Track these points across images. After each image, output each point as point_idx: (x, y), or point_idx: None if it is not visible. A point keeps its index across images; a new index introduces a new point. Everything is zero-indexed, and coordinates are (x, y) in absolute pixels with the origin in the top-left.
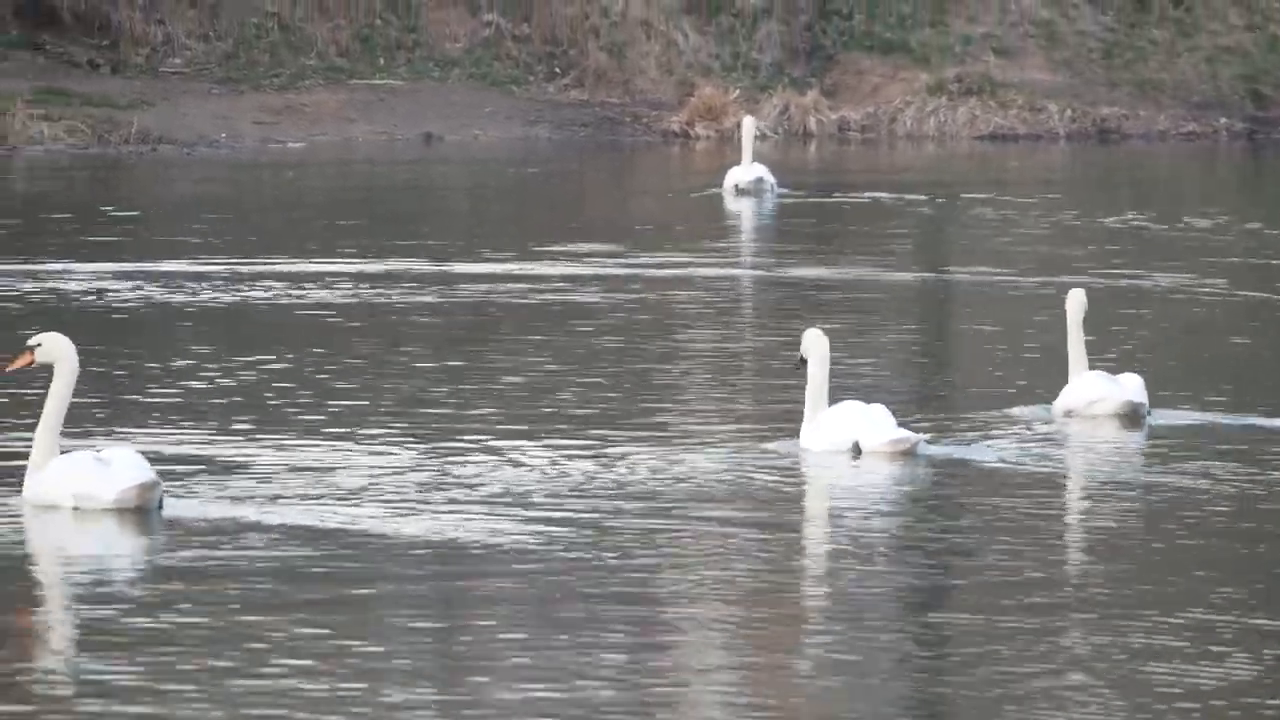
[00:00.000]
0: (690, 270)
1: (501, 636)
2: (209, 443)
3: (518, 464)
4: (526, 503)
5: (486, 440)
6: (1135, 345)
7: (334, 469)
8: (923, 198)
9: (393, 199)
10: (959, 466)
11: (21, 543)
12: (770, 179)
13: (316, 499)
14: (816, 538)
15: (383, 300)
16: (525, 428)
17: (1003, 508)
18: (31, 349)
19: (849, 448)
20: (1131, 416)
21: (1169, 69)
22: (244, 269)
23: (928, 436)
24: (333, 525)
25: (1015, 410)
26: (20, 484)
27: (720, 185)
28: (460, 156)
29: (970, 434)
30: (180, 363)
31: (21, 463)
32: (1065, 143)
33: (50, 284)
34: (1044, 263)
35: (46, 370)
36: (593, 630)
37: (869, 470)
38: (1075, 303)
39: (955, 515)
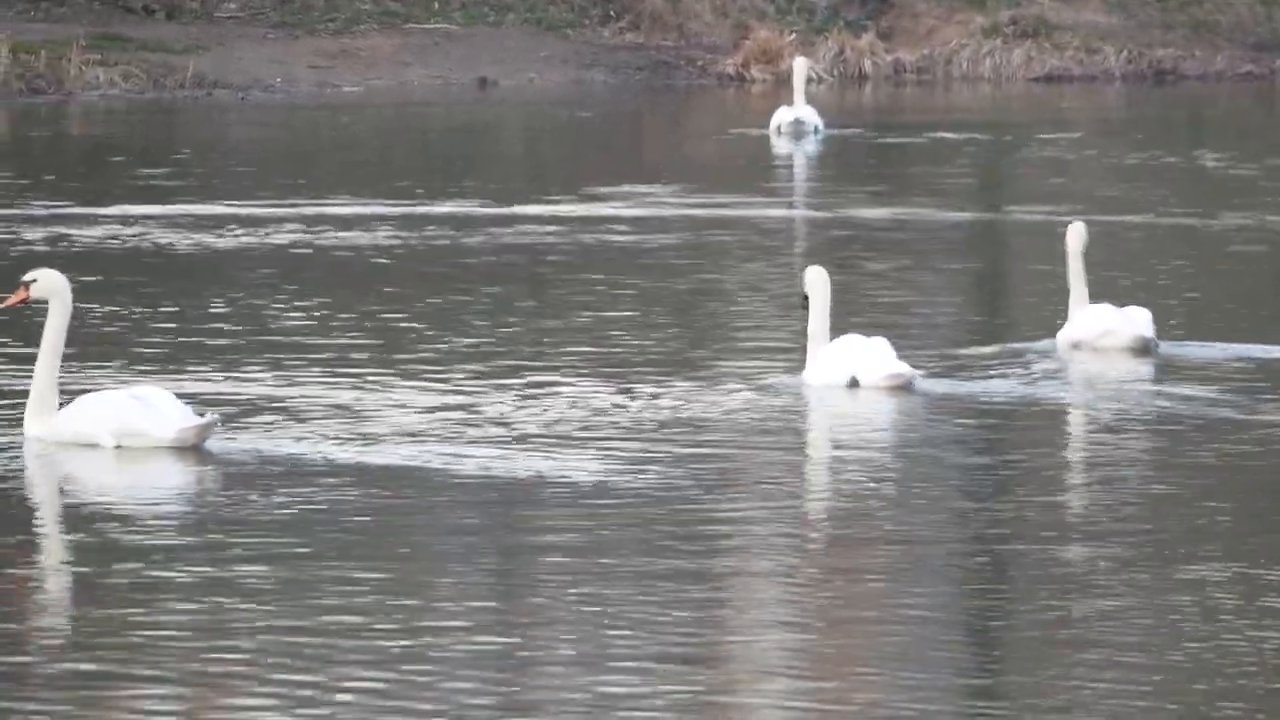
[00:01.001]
0: (737, 211)
1: (559, 576)
2: (264, 383)
3: (561, 401)
4: (571, 439)
5: (535, 378)
6: (1172, 281)
7: (390, 409)
8: (978, 138)
9: (448, 142)
10: (958, 401)
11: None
12: (814, 120)
13: (376, 439)
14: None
15: (439, 243)
16: (567, 366)
17: (1007, 442)
18: (27, 285)
19: (846, 382)
20: (1141, 349)
21: (1224, 10)
22: (300, 211)
23: (923, 371)
24: (395, 463)
25: (1021, 345)
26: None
27: (766, 126)
28: (515, 101)
29: (973, 369)
30: (234, 305)
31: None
32: (1121, 84)
33: (106, 227)
34: (1096, 202)
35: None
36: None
37: (867, 404)
38: (1075, 236)
39: (962, 451)
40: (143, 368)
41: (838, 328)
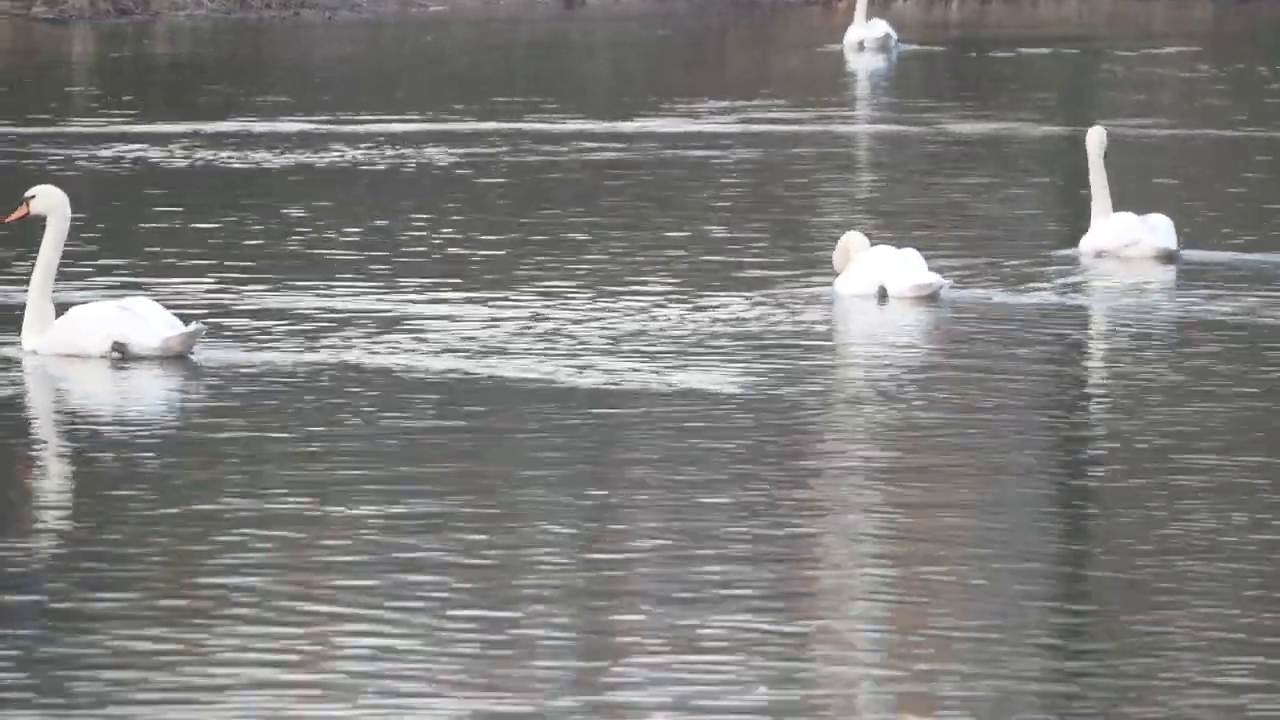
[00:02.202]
0: (815, 126)
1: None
2: (367, 298)
3: (640, 315)
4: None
5: (596, 289)
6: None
7: (473, 321)
8: (1065, 53)
9: (532, 60)
10: (985, 309)
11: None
12: (893, 34)
13: (473, 353)
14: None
15: (519, 158)
16: (644, 281)
17: (1026, 354)
18: (27, 201)
19: (875, 292)
20: (1165, 257)
21: None
22: (387, 129)
23: (951, 280)
24: (480, 374)
25: (1048, 253)
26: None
27: (841, 42)
28: (600, 18)
29: (996, 278)
30: (327, 220)
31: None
32: (1210, 1)
33: (195, 145)
34: (1181, 115)
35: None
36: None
37: (895, 314)
38: (1095, 141)
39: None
40: (214, 278)
41: (880, 237)
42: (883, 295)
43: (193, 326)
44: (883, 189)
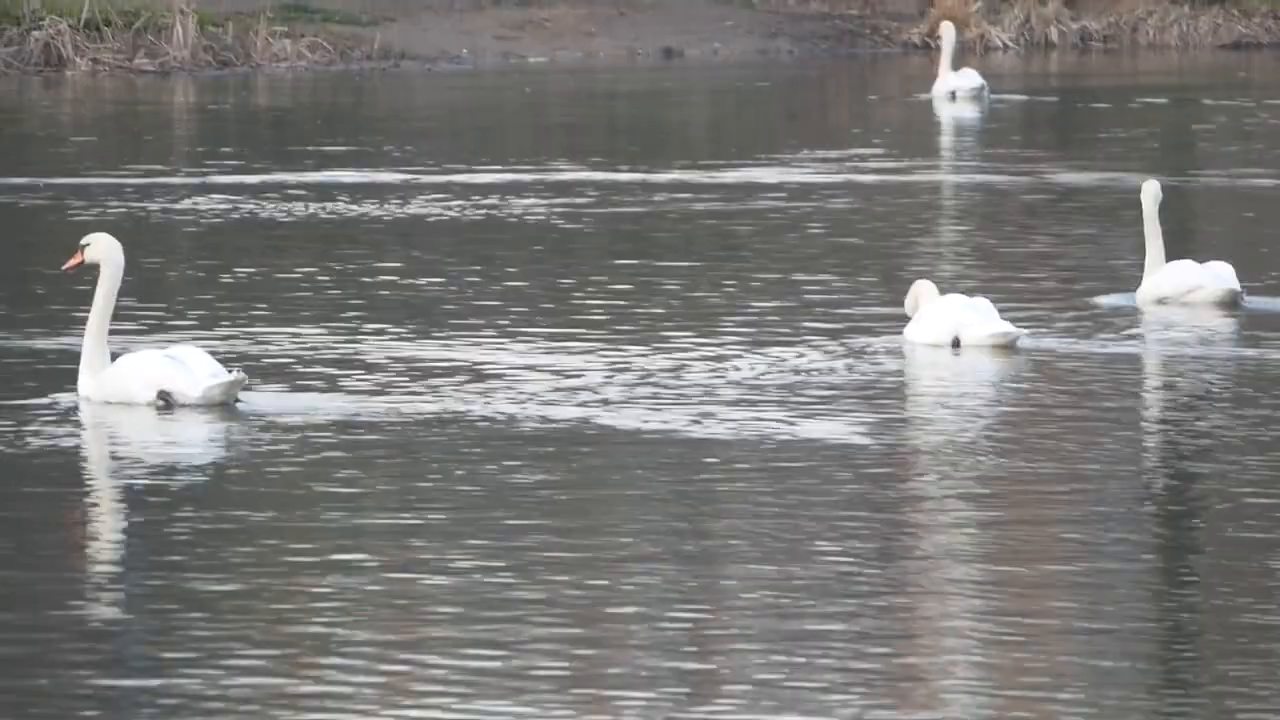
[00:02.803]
0: (905, 176)
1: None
2: (457, 347)
3: (702, 360)
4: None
5: (679, 337)
6: None
7: (565, 369)
8: (1163, 104)
9: (630, 111)
10: (1058, 358)
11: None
12: (985, 83)
13: (549, 399)
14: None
15: (616, 208)
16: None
17: (1107, 403)
18: (82, 248)
19: (949, 341)
20: (1229, 302)
21: None
22: (487, 179)
23: (1027, 330)
24: (569, 421)
25: (1102, 300)
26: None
27: (930, 92)
28: (699, 70)
29: (1066, 326)
30: (429, 270)
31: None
32: None
33: (293, 195)
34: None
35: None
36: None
37: (970, 364)
38: (1149, 194)
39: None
40: (323, 329)
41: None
42: (957, 344)
43: (234, 375)
44: (967, 237)
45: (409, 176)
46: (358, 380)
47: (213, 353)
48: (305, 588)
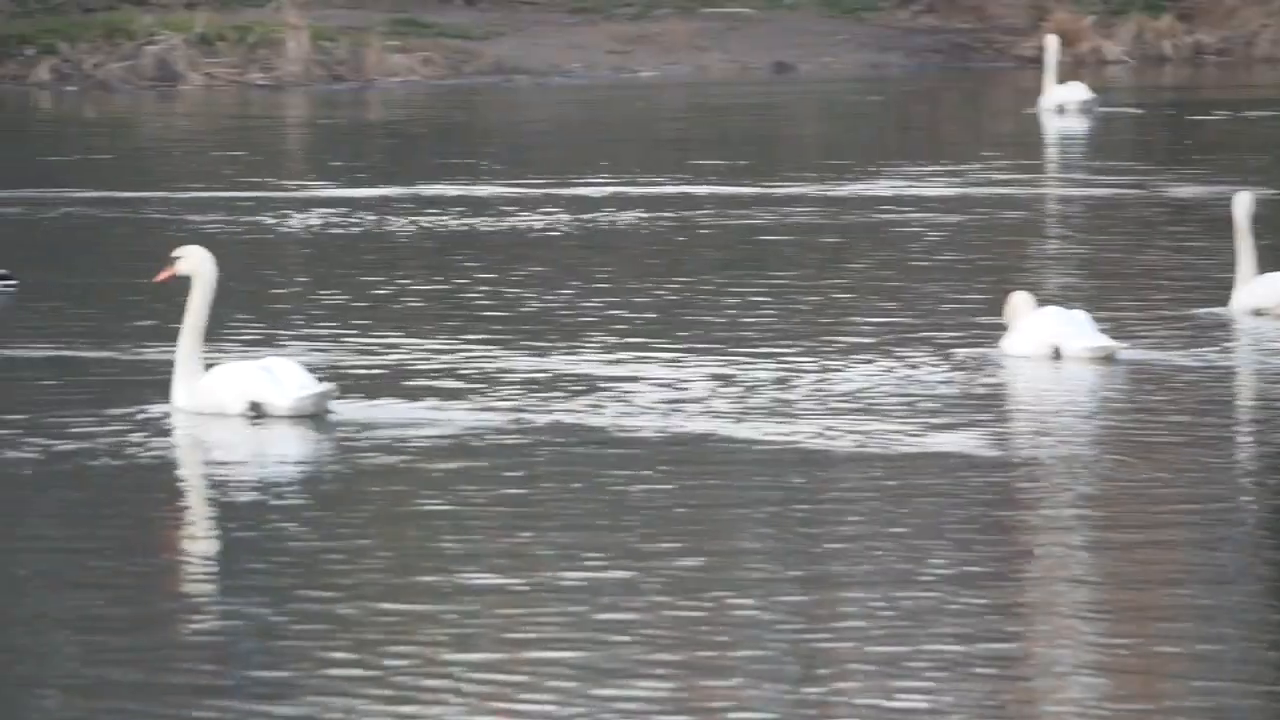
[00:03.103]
0: (1012, 189)
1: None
2: (563, 358)
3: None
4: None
5: (786, 351)
6: None
7: (681, 382)
8: (1276, 115)
9: (742, 125)
10: (1154, 371)
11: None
12: (1093, 96)
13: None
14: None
15: (729, 220)
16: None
17: (1210, 417)
18: (174, 261)
19: (1048, 353)
20: None
21: None
22: (595, 191)
23: (1124, 343)
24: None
25: (1200, 311)
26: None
27: (1036, 106)
28: (811, 85)
29: (1161, 339)
30: (539, 281)
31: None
32: None
33: (403, 209)
34: None
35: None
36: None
37: (1067, 376)
38: (1241, 205)
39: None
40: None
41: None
42: (1056, 356)
43: (324, 387)
44: (1074, 249)
45: (519, 190)
46: (458, 392)
47: (315, 365)
48: (411, 605)
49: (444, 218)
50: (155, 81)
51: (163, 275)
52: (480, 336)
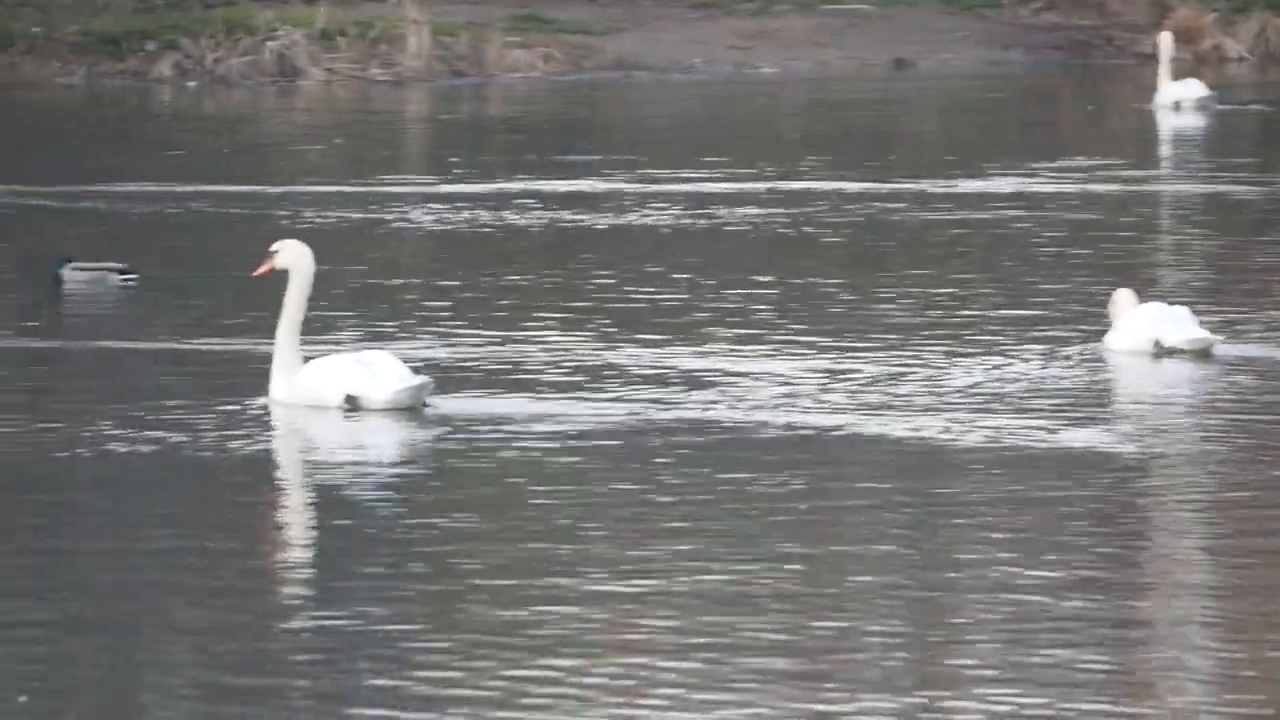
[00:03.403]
0: (1127, 186)
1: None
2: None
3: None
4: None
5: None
6: None
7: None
8: None
9: (862, 121)
10: (1254, 366)
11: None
12: (1210, 93)
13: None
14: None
15: (847, 216)
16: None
17: None
18: (272, 255)
19: (1150, 348)
20: None
21: None
22: (714, 187)
23: (1222, 337)
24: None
25: None
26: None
27: (1152, 102)
28: (930, 81)
29: (1265, 334)
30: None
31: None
32: None
33: (524, 205)
34: None
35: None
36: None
37: (1173, 370)
38: None
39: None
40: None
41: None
42: (1157, 350)
43: (420, 380)
44: (1186, 245)
45: (638, 186)
46: (570, 386)
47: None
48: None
49: (563, 213)
50: (276, 77)
51: (261, 269)
52: (596, 331)
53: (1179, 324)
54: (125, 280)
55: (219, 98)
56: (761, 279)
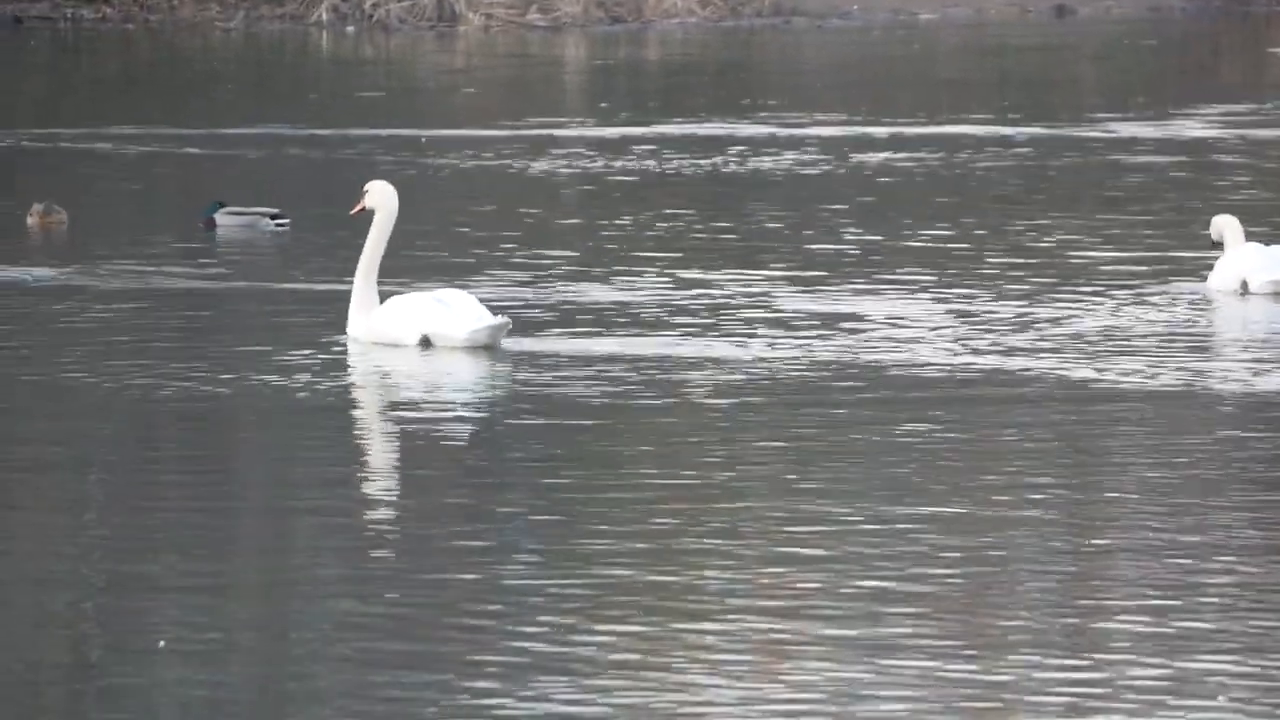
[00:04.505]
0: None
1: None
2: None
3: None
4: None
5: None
6: None
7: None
8: None
9: (1019, 67)
10: None
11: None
12: None
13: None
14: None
15: (1001, 161)
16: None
17: None
18: (364, 194)
19: (1238, 288)
20: None
21: None
22: (873, 132)
23: None
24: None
25: None
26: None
27: None
28: (1090, 29)
29: None
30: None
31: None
32: None
33: (676, 150)
34: None
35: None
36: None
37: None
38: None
39: None
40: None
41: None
42: (1245, 290)
43: (498, 320)
44: None
45: (790, 131)
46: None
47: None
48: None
49: (718, 158)
50: (434, 22)
51: (356, 208)
52: (757, 274)
53: (1269, 264)
54: (279, 224)
55: (377, 42)
56: (918, 222)
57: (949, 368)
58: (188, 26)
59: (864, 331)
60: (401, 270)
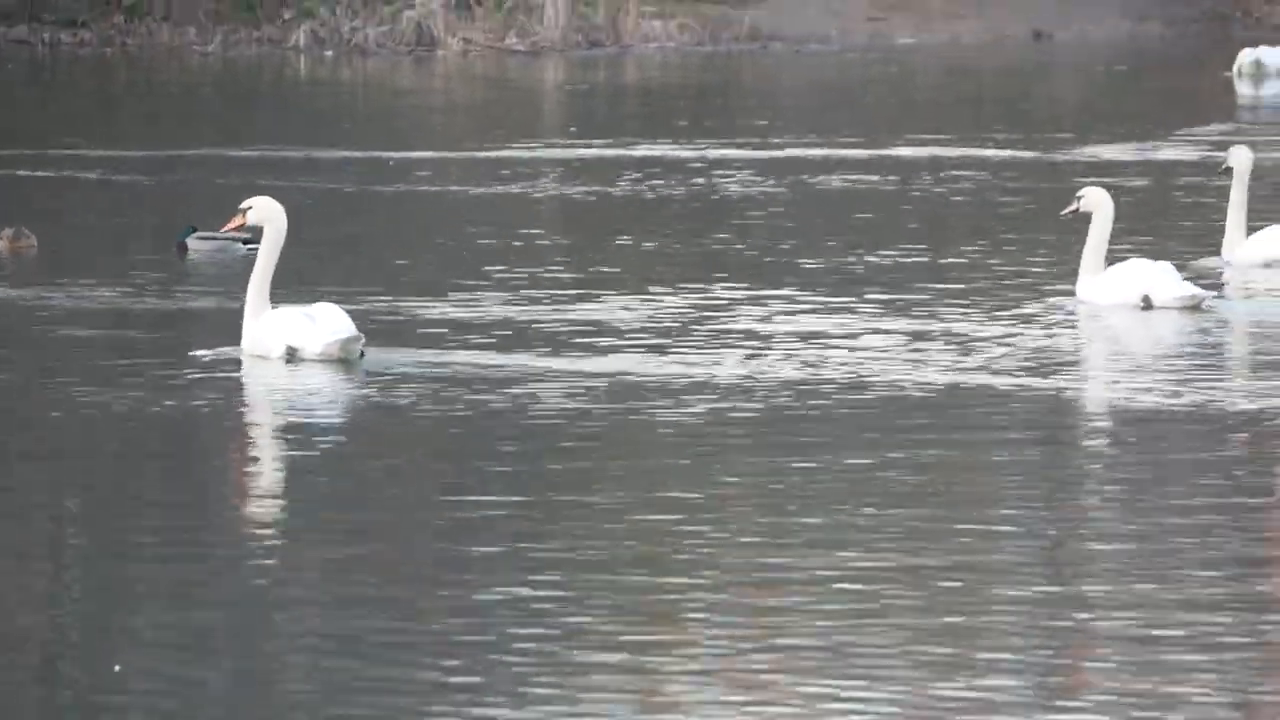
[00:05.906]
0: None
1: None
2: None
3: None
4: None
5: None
6: None
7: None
8: None
9: (997, 91)
10: (1241, 319)
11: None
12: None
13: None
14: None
15: (979, 185)
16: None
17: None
18: (243, 211)
19: (1139, 301)
20: None
21: None
22: (849, 155)
23: (1214, 294)
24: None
25: (1192, 261)
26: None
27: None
28: (1065, 54)
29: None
30: (785, 238)
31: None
32: None
33: (646, 170)
34: None
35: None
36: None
37: (1164, 323)
38: (1240, 161)
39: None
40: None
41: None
42: (1147, 304)
43: (349, 334)
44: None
45: (769, 154)
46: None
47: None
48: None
49: (698, 179)
50: (412, 46)
51: (230, 225)
52: (733, 293)
53: (1170, 278)
54: (249, 249)
55: (355, 66)
56: (896, 242)
57: (926, 386)
58: (165, 51)
59: (834, 350)
60: (384, 287)
